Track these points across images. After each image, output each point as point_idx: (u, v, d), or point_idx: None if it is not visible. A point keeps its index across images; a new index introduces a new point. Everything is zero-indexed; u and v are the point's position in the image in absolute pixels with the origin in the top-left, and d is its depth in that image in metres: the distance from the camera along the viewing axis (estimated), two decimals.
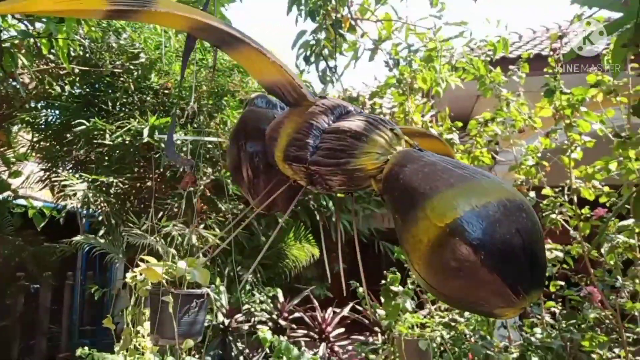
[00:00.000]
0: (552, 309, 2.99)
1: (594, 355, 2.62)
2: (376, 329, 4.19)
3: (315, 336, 4.40)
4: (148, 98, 5.18)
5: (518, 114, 3.41)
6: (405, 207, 0.78)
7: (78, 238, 4.32)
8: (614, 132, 2.42)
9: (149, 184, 4.70)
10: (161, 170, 4.38)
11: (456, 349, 2.63)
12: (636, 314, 2.71)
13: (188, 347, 1.70)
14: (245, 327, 4.29)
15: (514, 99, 3.50)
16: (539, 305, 2.97)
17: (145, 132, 4.29)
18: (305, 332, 4.47)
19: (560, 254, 2.91)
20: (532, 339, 2.43)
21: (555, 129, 2.61)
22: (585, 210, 2.73)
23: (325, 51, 4.15)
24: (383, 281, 2.95)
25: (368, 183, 0.92)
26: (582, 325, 2.64)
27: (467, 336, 2.91)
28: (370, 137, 0.90)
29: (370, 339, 4.27)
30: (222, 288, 4.42)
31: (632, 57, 2.80)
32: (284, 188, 1.03)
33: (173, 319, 1.49)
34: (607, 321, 2.81)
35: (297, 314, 4.56)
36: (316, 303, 4.71)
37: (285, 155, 0.98)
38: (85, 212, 5.27)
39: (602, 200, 2.76)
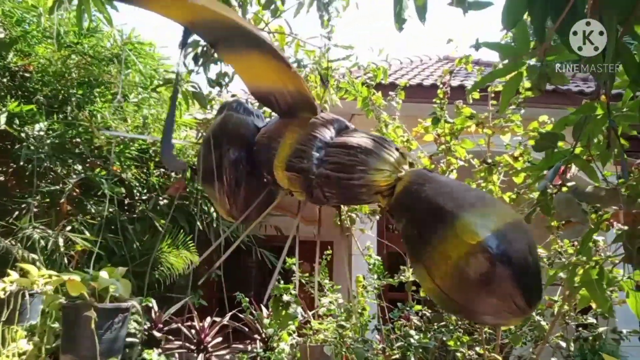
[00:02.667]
0: (421, 312, 3.33)
1: (458, 354, 2.98)
2: (256, 336, 4.19)
3: (193, 347, 4.22)
4: (4, 80, 4.50)
5: (396, 136, 3.76)
6: (430, 224, 0.83)
7: None
8: (484, 159, 2.81)
9: (1, 178, 4.08)
10: (21, 163, 3.83)
11: (343, 352, 2.78)
12: None
13: None
14: None
15: (391, 122, 3.85)
16: (411, 308, 3.29)
17: (3, 119, 3.73)
18: (180, 343, 4.26)
19: None
20: (412, 340, 2.68)
21: (437, 152, 2.93)
22: None
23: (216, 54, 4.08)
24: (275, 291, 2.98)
25: (374, 199, 0.95)
26: (450, 327, 2.98)
27: (350, 340, 3.09)
28: (381, 155, 0.94)
29: (249, 347, 4.24)
30: None
31: (493, 95, 3.30)
32: (263, 197, 1.01)
33: (94, 336, 1.33)
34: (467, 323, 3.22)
35: (173, 325, 4.32)
36: (195, 312, 4.52)
37: (287, 166, 0.97)
38: None
39: None
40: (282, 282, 3.32)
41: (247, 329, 4.30)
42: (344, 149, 0.95)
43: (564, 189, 1.62)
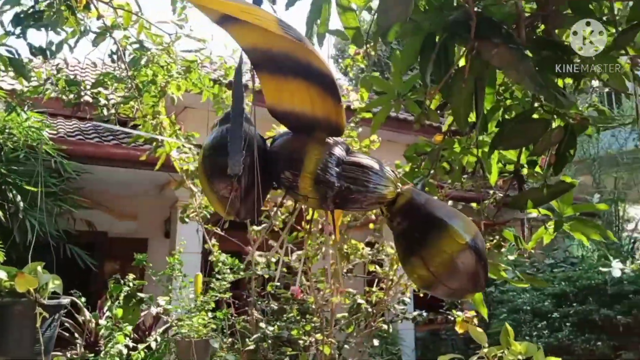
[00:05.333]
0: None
1: (300, 341, 3.31)
2: (78, 341, 3.83)
3: None
4: None
5: None
6: (429, 228, 1.12)
7: None
8: None
9: None
10: None
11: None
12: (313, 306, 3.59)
13: None
14: None
15: None
16: (260, 303, 3.51)
17: None
18: None
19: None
20: (267, 332, 2.89)
21: None
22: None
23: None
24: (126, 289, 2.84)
25: (375, 207, 1.20)
26: (295, 319, 3.30)
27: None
28: (386, 175, 1.18)
29: (69, 354, 3.84)
30: None
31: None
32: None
33: (37, 334, 1.14)
34: (307, 315, 3.59)
35: None
36: None
37: (316, 177, 1.09)
38: None
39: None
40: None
41: (67, 334, 3.86)
42: (358, 167, 1.15)
43: None
